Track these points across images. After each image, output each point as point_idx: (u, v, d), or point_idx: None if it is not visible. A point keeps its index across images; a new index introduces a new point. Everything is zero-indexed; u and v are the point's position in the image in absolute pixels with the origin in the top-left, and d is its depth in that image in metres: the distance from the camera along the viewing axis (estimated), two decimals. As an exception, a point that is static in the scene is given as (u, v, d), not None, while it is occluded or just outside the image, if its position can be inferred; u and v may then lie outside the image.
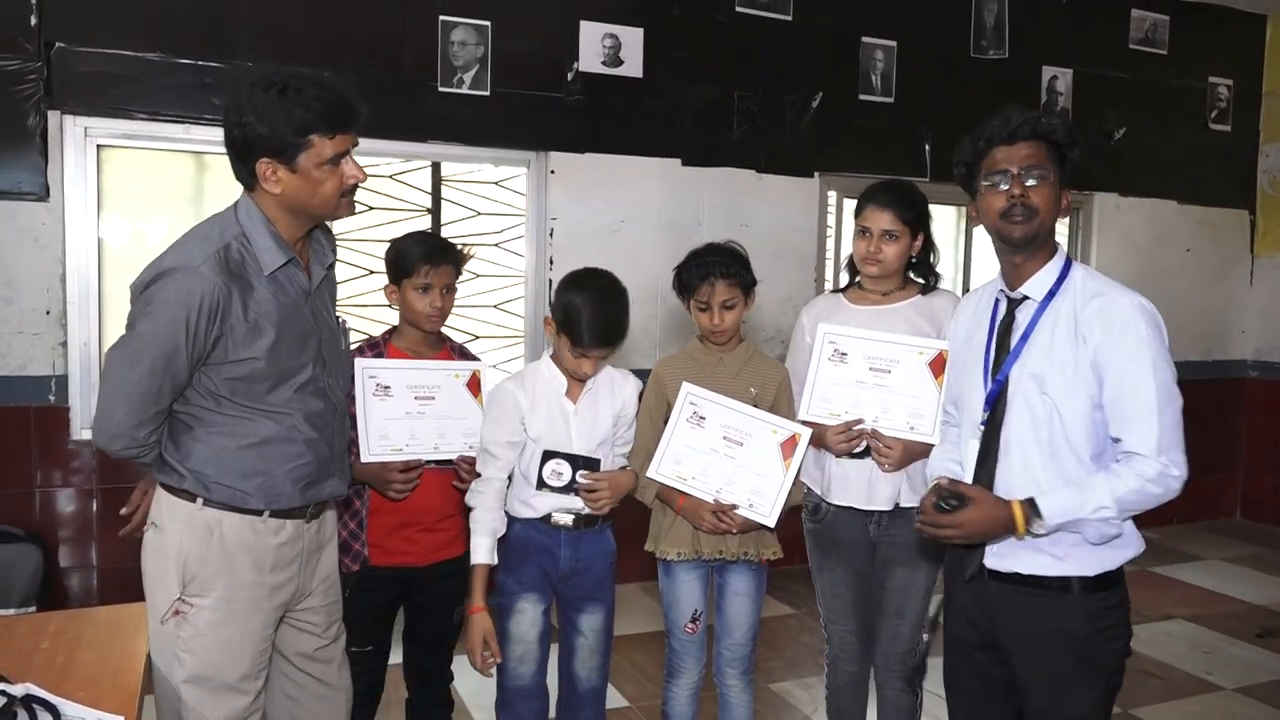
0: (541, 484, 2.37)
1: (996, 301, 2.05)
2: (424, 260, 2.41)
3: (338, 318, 2.06)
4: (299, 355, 1.88)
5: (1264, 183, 6.33)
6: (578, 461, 2.38)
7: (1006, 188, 1.91)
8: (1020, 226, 1.90)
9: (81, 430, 3.87)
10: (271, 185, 1.80)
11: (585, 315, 2.28)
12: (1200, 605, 4.66)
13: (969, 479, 1.99)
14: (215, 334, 1.76)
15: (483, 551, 2.35)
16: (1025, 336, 1.95)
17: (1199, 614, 4.52)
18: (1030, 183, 1.90)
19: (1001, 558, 1.93)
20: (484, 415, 2.44)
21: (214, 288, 1.74)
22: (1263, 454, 6.28)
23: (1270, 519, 6.25)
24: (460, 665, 2.68)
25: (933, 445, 2.38)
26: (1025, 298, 1.97)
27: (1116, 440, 1.87)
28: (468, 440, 2.46)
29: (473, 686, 3.19)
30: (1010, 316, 1.99)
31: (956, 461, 2.10)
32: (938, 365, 2.38)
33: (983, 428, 1.98)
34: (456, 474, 2.47)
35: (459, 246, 2.56)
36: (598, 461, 2.42)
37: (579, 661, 2.47)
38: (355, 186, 1.86)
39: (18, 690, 1.54)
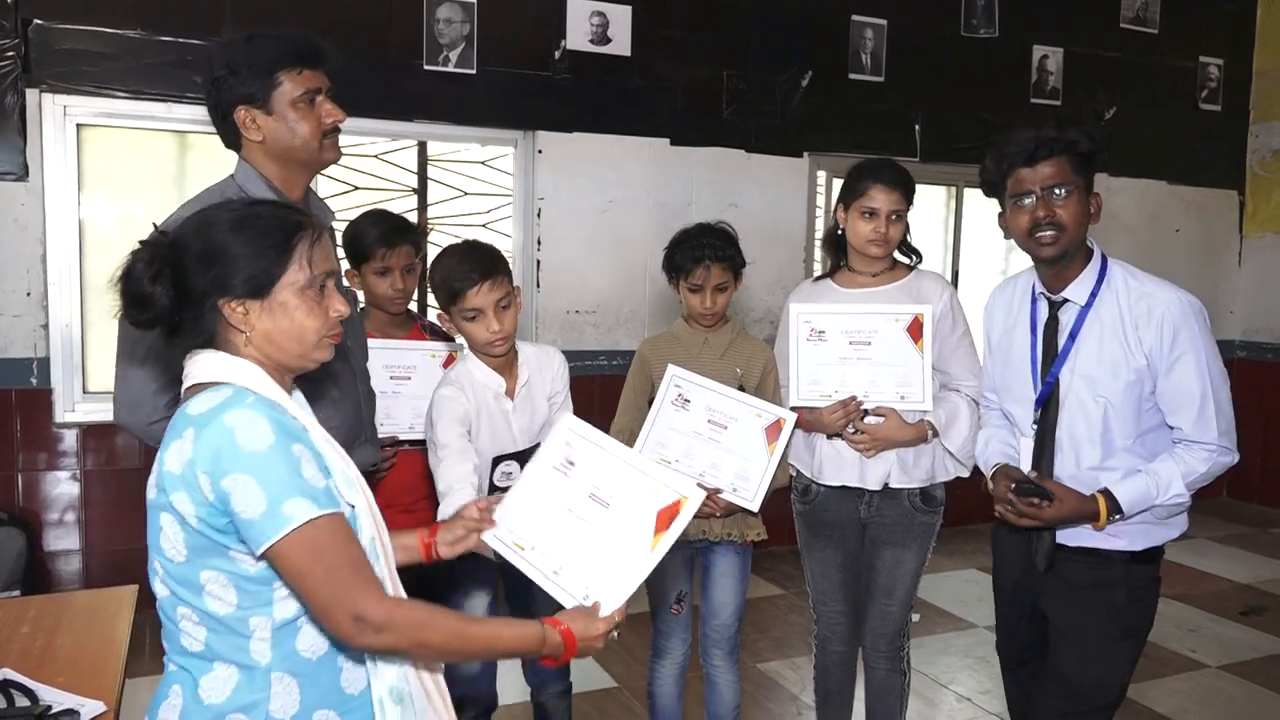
0: (493, 488, 2.22)
1: (1034, 300, 2.10)
2: (380, 243, 2.41)
3: (347, 287, 2.05)
4: None
5: (1253, 163, 6.33)
6: (524, 457, 2.21)
7: (1032, 206, 1.96)
8: (1050, 246, 1.97)
9: (64, 413, 3.84)
10: (252, 133, 1.82)
11: (454, 263, 2.16)
12: (1186, 584, 4.68)
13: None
14: None
15: (449, 504, 2.00)
16: (1072, 338, 2.01)
17: (1185, 593, 4.54)
18: (1057, 199, 1.95)
19: (1069, 537, 2.03)
20: (431, 421, 2.21)
21: None
22: (1250, 434, 6.22)
23: (1257, 498, 6.28)
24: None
25: (922, 415, 2.40)
26: (1067, 300, 2.03)
27: (1173, 427, 1.98)
28: None
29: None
30: (1054, 319, 2.05)
31: (1012, 445, 2.17)
32: (915, 330, 2.37)
33: (1035, 427, 2.05)
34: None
35: (415, 223, 2.55)
36: None
37: None
38: (336, 129, 1.88)
39: (-5, 675, 1.53)
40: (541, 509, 1.70)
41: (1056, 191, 1.95)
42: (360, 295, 2.45)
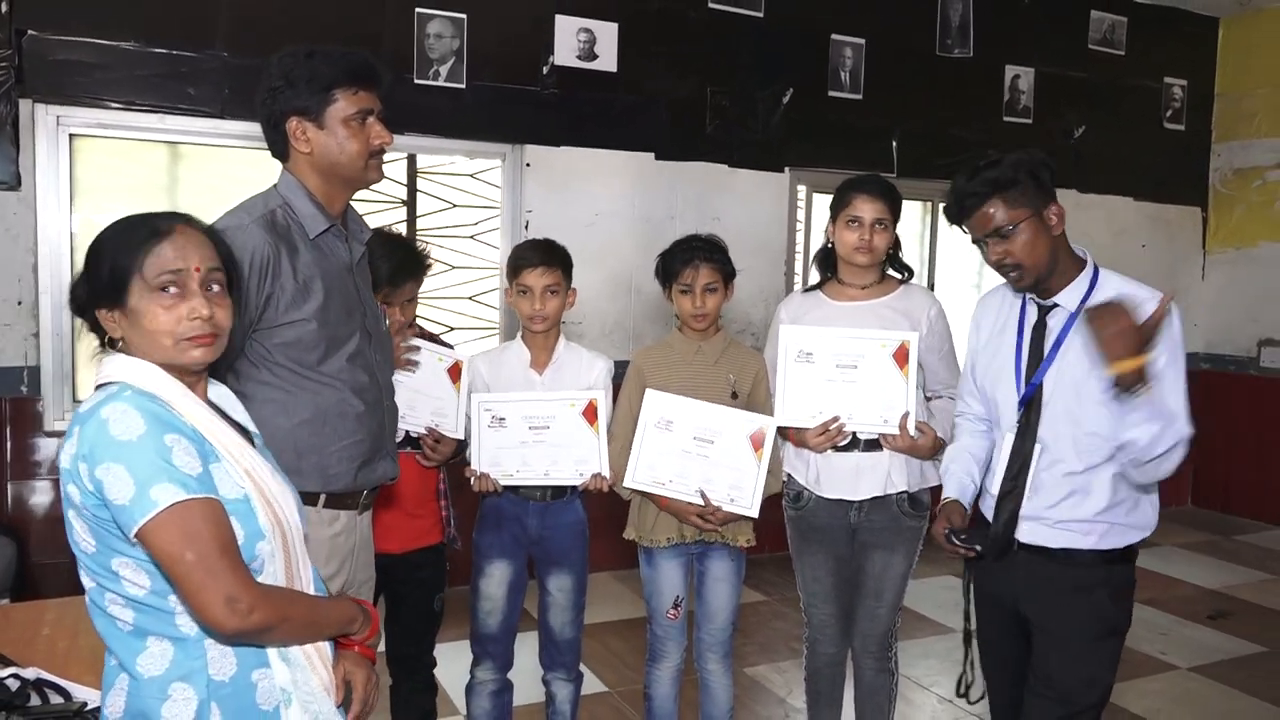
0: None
1: (1025, 303, 2.15)
2: (386, 282, 2.40)
3: (375, 301, 2.08)
4: (347, 323, 1.90)
5: (1216, 180, 6.54)
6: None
7: (986, 251, 2.04)
8: (1018, 282, 2.06)
9: (54, 421, 3.84)
10: (301, 144, 1.86)
11: (525, 248, 2.64)
12: (1156, 589, 4.82)
13: (1001, 472, 2.12)
14: (266, 292, 1.78)
15: None
16: (1059, 343, 2.05)
17: (1154, 597, 4.68)
18: (1004, 239, 1.99)
19: (1035, 534, 2.07)
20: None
21: (264, 244, 1.78)
22: (1213, 444, 6.46)
23: (1220, 506, 6.46)
24: (442, 651, 2.73)
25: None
26: (1057, 305, 2.07)
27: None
28: (435, 418, 2.50)
29: (455, 673, 3.22)
30: (1043, 323, 2.09)
31: (971, 474, 2.23)
32: (901, 356, 2.43)
33: (1017, 426, 2.10)
34: (422, 451, 2.51)
35: (421, 251, 2.55)
36: None
37: (552, 616, 2.65)
38: (382, 150, 1.92)
39: (29, 674, 1.56)
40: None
41: (999, 234, 1.98)
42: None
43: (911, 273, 2.65)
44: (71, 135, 3.85)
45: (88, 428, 1.30)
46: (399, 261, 2.46)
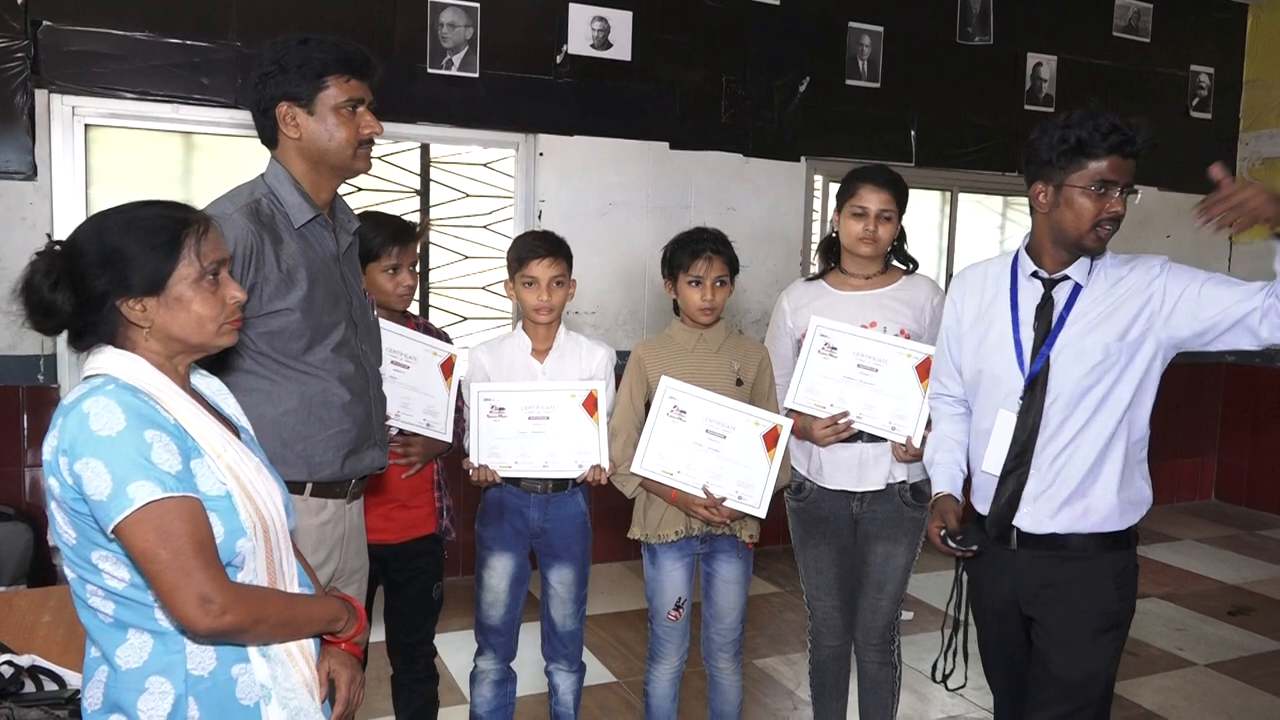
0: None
1: (1015, 280, 2.10)
2: (392, 242, 2.45)
3: (364, 291, 2.09)
4: (332, 312, 1.91)
5: (1243, 170, 6.41)
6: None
7: (1112, 199, 1.95)
8: (1105, 241, 2.00)
9: (71, 409, 3.88)
10: (291, 130, 1.87)
11: (529, 238, 2.61)
12: (1175, 584, 4.76)
13: (1004, 445, 2.06)
14: (250, 282, 1.78)
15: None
16: (1064, 317, 2.03)
17: (1173, 593, 4.62)
18: (1122, 194, 1.97)
19: (1037, 520, 2.03)
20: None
21: (248, 234, 1.79)
22: (1237, 438, 6.40)
23: (1244, 501, 6.37)
24: (443, 640, 2.74)
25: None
26: (1066, 278, 2.04)
27: (1241, 304, 1.93)
28: (427, 417, 2.50)
29: (461, 662, 3.24)
30: (1049, 297, 2.05)
31: (959, 464, 2.20)
32: (924, 369, 2.42)
33: (1022, 401, 2.03)
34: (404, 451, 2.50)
35: (413, 223, 2.61)
36: None
37: (554, 608, 2.65)
38: (372, 140, 1.92)
39: (24, 661, 1.57)
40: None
41: (1127, 188, 1.96)
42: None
43: (916, 265, 2.62)
44: (87, 125, 3.88)
45: (69, 421, 1.29)
46: (399, 226, 2.52)
